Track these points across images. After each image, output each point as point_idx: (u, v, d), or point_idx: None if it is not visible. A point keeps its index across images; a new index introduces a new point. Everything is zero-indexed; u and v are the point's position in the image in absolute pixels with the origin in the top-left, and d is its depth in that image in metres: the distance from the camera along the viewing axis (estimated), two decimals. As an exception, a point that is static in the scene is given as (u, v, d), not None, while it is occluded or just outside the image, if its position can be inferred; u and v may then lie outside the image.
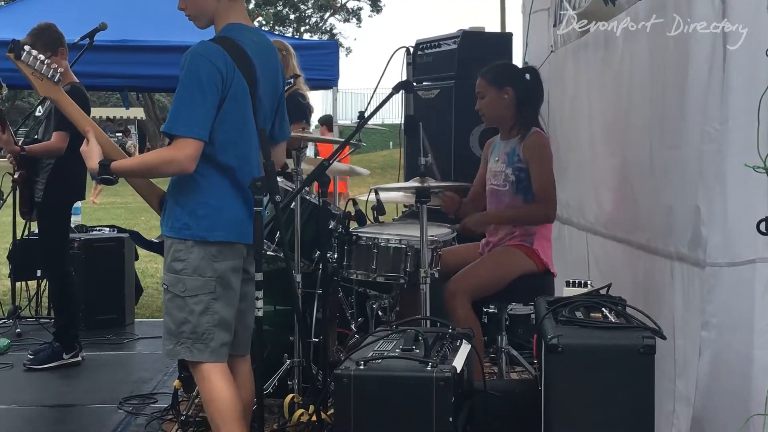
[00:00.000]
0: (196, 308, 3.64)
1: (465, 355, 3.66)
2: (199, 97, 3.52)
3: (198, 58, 3.55)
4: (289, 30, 41.47)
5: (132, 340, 7.35)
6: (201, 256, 3.63)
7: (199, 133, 3.52)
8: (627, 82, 4.65)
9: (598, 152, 5.29)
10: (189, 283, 3.64)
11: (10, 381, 6.10)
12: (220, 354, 3.70)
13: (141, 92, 27.13)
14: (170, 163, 3.54)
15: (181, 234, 3.65)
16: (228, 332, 3.73)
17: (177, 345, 3.69)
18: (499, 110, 5.11)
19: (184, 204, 3.66)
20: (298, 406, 4.68)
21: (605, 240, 5.16)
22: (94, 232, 8.20)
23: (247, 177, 3.67)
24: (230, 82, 3.59)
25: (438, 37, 7.08)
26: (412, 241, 4.87)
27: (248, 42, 3.71)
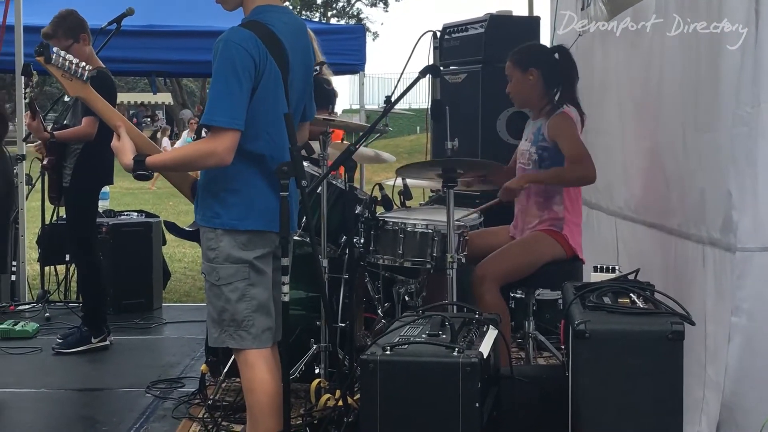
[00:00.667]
0: (232, 296, 3.63)
1: (491, 341, 3.64)
2: (235, 86, 3.47)
3: (231, 45, 3.49)
4: (316, 15, 41.46)
5: (159, 325, 7.39)
6: (231, 245, 3.62)
7: (238, 124, 3.48)
8: (657, 65, 4.61)
9: (628, 136, 5.25)
10: (222, 271, 3.63)
11: (39, 365, 6.14)
12: (262, 339, 3.69)
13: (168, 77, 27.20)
14: (209, 156, 3.49)
15: (211, 223, 3.64)
16: (268, 317, 3.71)
17: (222, 333, 3.68)
18: (524, 92, 5.08)
19: (215, 193, 3.64)
20: (324, 391, 4.67)
21: (635, 225, 5.12)
22: (122, 217, 8.23)
23: (279, 162, 3.65)
24: (263, 69, 3.55)
25: (465, 21, 7.03)
26: (439, 226, 4.85)
27: (279, 24, 3.64)
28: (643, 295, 3.55)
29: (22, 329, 6.78)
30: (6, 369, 5.72)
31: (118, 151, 3.65)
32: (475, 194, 6.10)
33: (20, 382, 5.48)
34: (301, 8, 39.72)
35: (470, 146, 6.48)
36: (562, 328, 3.69)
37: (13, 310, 7.65)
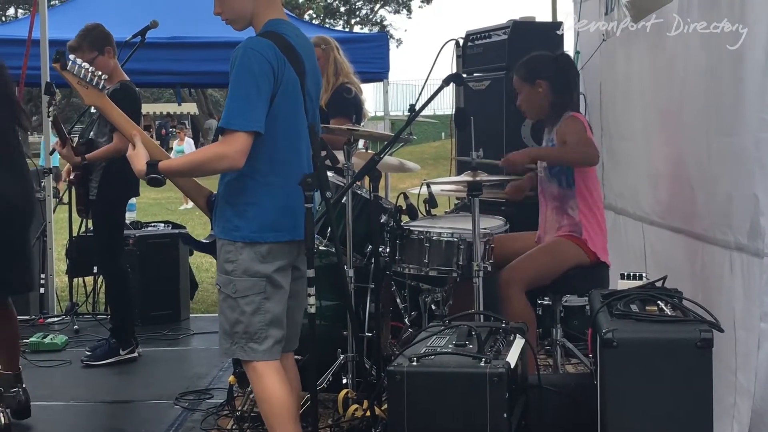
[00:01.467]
0: (248, 309, 3.65)
1: (519, 350, 3.64)
2: (253, 90, 3.50)
3: (249, 52, 3.52)
4: (340, 22, 41.49)
5: (187, 336, 7.41)
6: (251, 257, 3.63)
7: (252, 126, 3.50)
8: (681, 70, 4.58)
9: (653, 141, 5.23)
10: (239, 284, 3.65)
11: (68, 377, 6.17)
12: (273, 352, 3.71)
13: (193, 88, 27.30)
14: (221, 159, 3.52)
15: (231, 236, 3.66)
16: (280, 329, 3.73)
17: (232, 344, 3.71)
18: (536, 104, 5.09)
19: (235, 205, 3.66)
20: (352, 401, 4.68)
21: (661, 230, 5.09)
22: (149, 229, 8.26)
23: (298, 173, 3.66)
24: (281, 77, 3.58)
25: (488, 27, 7.02)
26: (464, 235, 4.84)
27: (293, 37, 3.70)
28: (671, 303, 3.52)
29: (51, 342, 6.81)
30: (36, 382, 5.74)
31: (133, 159, 3.69)
32: (501, 201, 6.09)
33: (50, 395, 5.51)
34: (325, 16, 39.81)
35: (495, 153, 6.43)
36: (590, 336, 3.67)
37: (42, 323, 7.69)
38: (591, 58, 6.69)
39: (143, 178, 3.65)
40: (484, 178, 4.80)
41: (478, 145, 4.97)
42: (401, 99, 33.10)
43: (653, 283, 3.79)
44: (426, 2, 42.81)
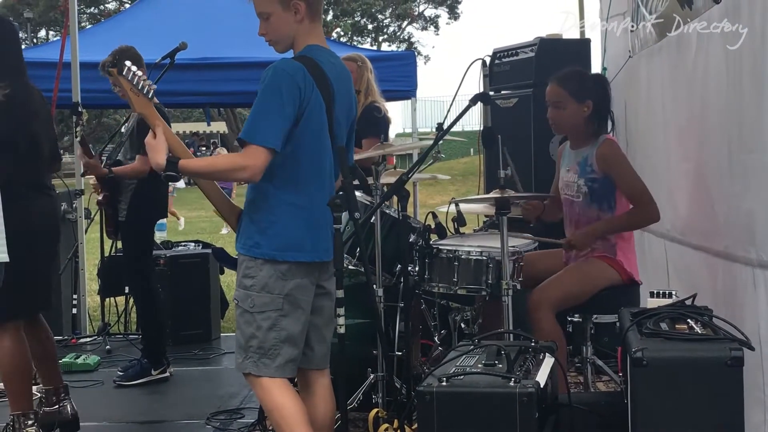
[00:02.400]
0: (264, 324, 3.70)
1: (548, 369, 3.63)
2: (276, 107, 3.58)
3: (279, 72, 3.61)
4: (368, 40, 41.59)
5: (218, 355, 7.46)
6: (270, 274, 3.69)
7: (272, 142, 3.57)
8: (701, 85, 4.57)
9: (672, 157, 5.21)
10: (257, 299, 3.70)
11: (100, 397, 6.21)
12: (285, 370, 3.75)
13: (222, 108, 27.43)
14: (240, 170, 3.59)
15: (251, 252, 3.72)
16: (295, 348, 3.77)
17: (245, 359, 3.75)
18: (578, 122, 5.01)
19: (257, 222, 3.72)
20: (382, 420, 4.69)
21: (682, 247, 5.07)
22: (180, 248, 8.31)
23: (321, 194, 3.72)
24: (308, 100, 3.65)
25: (515, 45, 7.04)
26: (493, 253, 4.84)
27: (326, 63, 3.77)
28: (701, 321, 3.51)
29: (83, 362, 6.86)
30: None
31: (152, 148, 3.69)
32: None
33: (83, 416, 5.53)
34: (353, 34, 39.93)
35: (523, 170, 6.45)
36: (620, 355, 3.66)
37: (75, 343, 7.76)
38: (618, 74, 6.68)
39: (160, 171, 3.67)
40: (512, 195, 4.80)
41: (506, 163, 4.97)
42: (429, 115, 33.15)
43: (683, 302, 3.78)
44: (453, 19, 42.88)
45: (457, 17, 42.71)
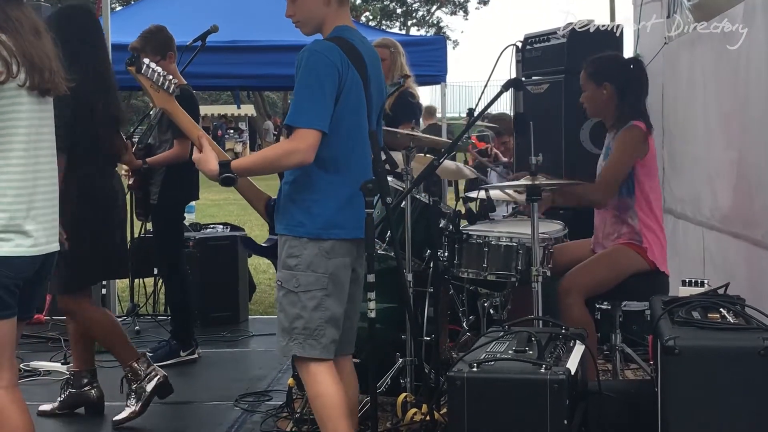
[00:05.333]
0: (309, 304, 3.69)
1: (579, 356, 3.63)
2: (317, 90, 3.58)
3: (315, 54, 3.62)
4: (396, 24, 41.53)
5: (246, 337, 7.47)
6: (315, 252, 3.68)
7: (319, 124, 3.57)
8: (744, 74, 4.54)
9: (714, 145, 5.18)
10: (302, 278, 3.69)
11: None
12: (329, 350, 3.75)
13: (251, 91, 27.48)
14: (292, 154, 3.58)
15: (295, 232, 3.71)
16: (337, 329, 3.77)
17: (290, 341, 3.74)
18: (598, 105, 5.09)
19: (300, 202, 3.71)
20: (410, 405, 4.69)
21: (721, 235, 5.05)
22: (208, 230, 8.31)
23: (359, 173, 3.73)
24: (345, 79, 3.65)
25: (547, 31, 6.99)
26: (523, 239, 4.83)
27: (358, 43, 3.78)
28: (733, 310, 3.50)
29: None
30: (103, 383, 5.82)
31: (202, 162, 3.71)
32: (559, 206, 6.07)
33: (112, 395, 5.57)
34: (381, 18, 39.87)
35: (554, 157, 6.43)
36: (651, 343, 3.65)
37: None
38: (652, 61, 6.63)
39: (216, 179, 3.66)
40: (544, 182, 4.79)
41: (537, 150, 4.96)
42: (457, 100, 33.04)
43: (715, 290, 3.76)
44: (483, 4, 42.72)
45: (486, 2, 42.56)
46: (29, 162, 3.44)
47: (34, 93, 3.44)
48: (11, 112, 3.37)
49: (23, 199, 3.41)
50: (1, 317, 3.41)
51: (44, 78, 3.45)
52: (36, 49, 3.43)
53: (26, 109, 3.42)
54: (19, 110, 3.39)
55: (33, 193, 3.45)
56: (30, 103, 3.43)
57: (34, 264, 3.49)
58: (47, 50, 3.51)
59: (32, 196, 3.45)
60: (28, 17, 3.49)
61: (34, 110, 3.46)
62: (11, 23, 3.39)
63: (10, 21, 3.40)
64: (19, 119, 3.40)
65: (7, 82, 3.33)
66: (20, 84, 3.37)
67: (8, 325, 3.45)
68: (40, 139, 3.52)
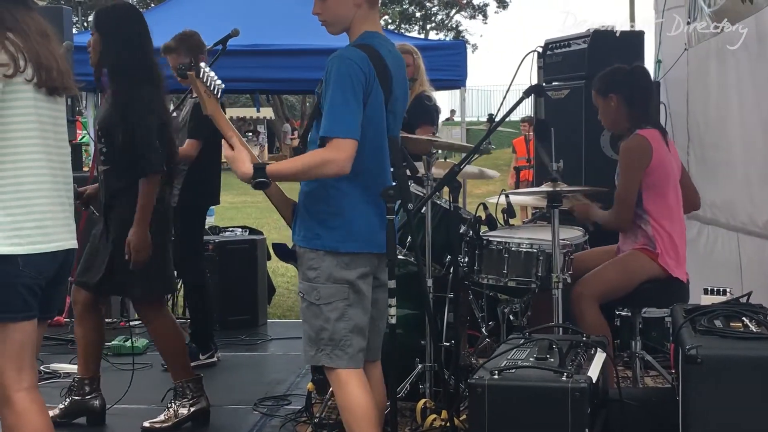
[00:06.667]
0: (332, 315, 3.66)
1: (600, 364, 3.62)
2: (351, 98, 3.54)
3: (345, 61, 3.58)
4: (415, 28, 41.56)
5: (265, 341, 7.48)
6: (334, 264, 3.65)
7: (354, 134, 3.53)
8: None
9: (753, 150, 5.15)
10: (323, 290, 3.67)
11: (149, 381, 6.24)
12: (357, 360, 3.72)
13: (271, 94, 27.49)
14: (329, 164, 3.52)
15: (312, 244, 3.68)
16: (363, 338, 3.74)
17: (318, 352, 3.71)
18: (610, 118, 5.15)
19: (316, 214, 3.68)
20: (430, 411, 4.69)
21: (761, 240, 5.02)
22: (227, 233, 8.34)
23: (379, 185, 3.68)
24: (370, 90, 3.61)
25: (568, 36, 6.99)
26: (544, 245, 4.83)
27: (385, 52, 3.72)
28: (755, 319, 3.48)
29: (132, 345, 6.91)
30: (118, 385, 5.83)
31: (235, 160, 3.66)
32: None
33: (132, 398, 5.60)
34: (401, 22, 39.89)
35: (574, 163, 6.42)
36: (672, 351, 3.64)
37: (124, 326, 7.81)
38: (675, 66, 6.61)
39: (248, 181, 3.62)
40: (565, 188, 4.79)
41: (557, 155, 4.96)
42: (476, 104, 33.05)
43: (737, 299, 3.75)
44: (502, 8, 42.69)
45: (505, 6, 42.54)
46: (44, 159, 3.47)
47: (42, 91, 3.46)
48: (21, 107, 3.39)
49: (40, 195, 3.43)
50: (23, 318, 3.43)
51: (52, 76, 3.47)
52: (43, 49, 3.46)
53: (35, 105, 3.44)
54: (28, 105, 3.41)
55: (49, 190, 3.48)
56: (39, 100, 3.45)
57: (55, 261, 3.50)
58: (54, 51, 3.53)
59: (48, 193, 3.47)
60: (36, 21, 3.52)
61: (44, 107, 3.48)
62: (18, 24, 3.43)
63: (17, 23, 3.43)
64: (30, 114, 3.42)
65: (15, 75, 3.35)
66: (28, 79, 3.39)
67: (30, 327, 3.47)
68: (54, 137, 3.54)
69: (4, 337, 3.41)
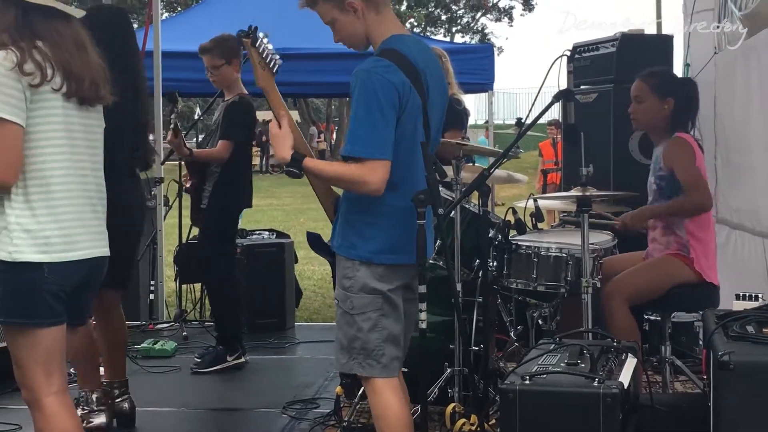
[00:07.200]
0: (365, 325, 3.64)
1: (631, 370, 3.61)
2: (378, 116, 3.45)
3: (371, 75, 3.47)
4: (441, 31, 41.53)
5: (293, 344, 7.50)
6: (367, 275, 3.61)
7: (386, 153, 3.46)
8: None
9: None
10: (356, 300, 3.64)
11: (178, 384, 6.29)
12: (391, 369, 3.68)
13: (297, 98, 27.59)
14: (364, 184, 3.48)
15: (347, 253, 3.65)
16: (397, 347, 3.71)
17: (350, 360, 3.69)
18: (655, 119, 5.08)
19: (353, 222, 3.64)
20: (459, 415, 4.68)
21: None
22: (254, 236, 8.35)
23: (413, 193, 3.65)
24: (406, 99, 3.51)
25: (596, 40, 6.98)
26: (573, 250, 4.82)
27: (413, 52, 3.61)
28: (788, 325, 3.46)
29: (161, 348, 6.95)
30: (147, 388, 5.88)
31: (278, 139, 3.61)
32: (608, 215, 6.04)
33: (161, 401, 5.63)
34: (426, 24, 39.88)
35: (602, 166, 6.39)
36: (704, 357, 3.62)
37: (152, 328, 7.86)
38: (703, 69, 6.59)
39: (283, 165, 3.60)
40: (594, 193, 4.78)
41: (585, 160, 4.95)
42: (502, 107, 32.99)
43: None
44: (528, 10, 42.62)
45: (531, 9, 42.46)
46: (73, 167, 3.48)
47: (73, 101, 3.47)
48: (49, 116, 3.41)
49: (68, 203, 3.45)
50: (51, 324, 3.45)
51: (82, 87, 3.48)
52: (75, 59, 3.47)
53: (63, 113, 3.45)
54: (55, 114, 3.42)
55: (78, 198, 3.50)
56: (68, 109, 3.47)
57: (81, 270, 3.52)
58: (90, 62, 3.55)
59: (77, 201, 3.49)
60: (73, 31, 3.54)
61: (73, 117, 3.49)
62: (50, 33, 3.45)
63: (50, 32, 3.45)
64: (57, 123, 3.43)
65: (42, 85, 3.36)
66: (55, 88, 3.40)
67: (58, 332, 3.50)
68: (86, 144, 3.56)
69: (33, 343, 3.44)
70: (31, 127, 3.37)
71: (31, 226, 3.36)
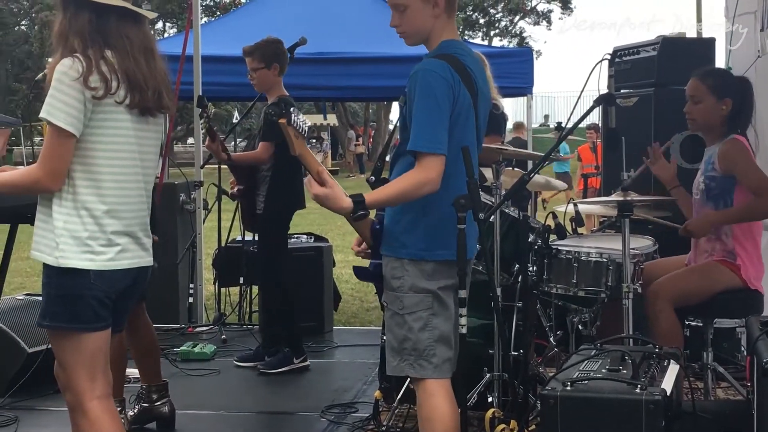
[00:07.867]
0: (415, 325, 3.63)
1: (674, 377, 3.58)
2: (436, 112, 3.52)
3: (429, 74, 3.54)
4: (479, 34, 41.47)
5: (331, 348, 7.50)
6: (417, 274, 3.62)
7: (442, 149, 3.51)
8: None
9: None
10: (406, 300, 3.63)
11: (217, 387, 6.31)
12: (443, 370, 3.67)
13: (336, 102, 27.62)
14: (424, 186, 3.51)
15: (397, 253, 3.65)
16: (449, 348, 3.70)
17: (401, 362, 3.68)
18: (712, 120, 4.99)
19: (402, 222, 3.65)
20: (498, 420, 4.66)
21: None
22: (293, 240, 8.35)
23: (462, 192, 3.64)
24: (457, 99, 3.58)
25: (637, 43, 6.94)
26: (614, 255, 4.79)
27: (467, 57, 3.69)
28: (835, 332, 3.42)
29: (200, 351, 6.98)
30: (187, 391, 5.91)
31: (331, 197, 3.53)
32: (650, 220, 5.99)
33: (201, 404, 5.65)
34: (464, 28, 39.84)
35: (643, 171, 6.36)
36: (748, 364, 3.58)
37: (191, 332, 7.89)
38: (745, 73, 6.52)
39: (349, 215, 3.58)
40: (635, 198, 4.74)
41: (627, 164, 4.92)
42: (540, 111, 32.93)
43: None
44: (567, 14, 42.46)
45: (570, 12, 42.29)
46: (126, 179, 3.49)
47: (135, 111, 3.46)
48: (108, 128, 3.40)
49: (118, 214, 3.46)
50: (95, 329, 3.47)
51: (145, 97, 3.47)
52: (141, 68, 3.46)
53: (124, 125, 3.44)
54: (116, 126, 3.42)
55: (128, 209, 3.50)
56: (129, 121, 3.46)
57: (127, 278, 3.53)
58: (154, 69, 3.53)
59: (128, 213, 3.50)
60: (142, 36, 3.53)
61: (132, 128, 3.48)
62: (121, 41, 3.43)
63: (120, 39, 3.44)
64: (117, 135, 3.43)
65: (105, 98, 3.36)
66: (118, 101, 3.40)
67: (102, 337, 3.51)
68: (140, 156, 3.55)
69: (77, 347, 3.46)
70: (88, 136, 3.37)
71: (79, 233, 3.37)
